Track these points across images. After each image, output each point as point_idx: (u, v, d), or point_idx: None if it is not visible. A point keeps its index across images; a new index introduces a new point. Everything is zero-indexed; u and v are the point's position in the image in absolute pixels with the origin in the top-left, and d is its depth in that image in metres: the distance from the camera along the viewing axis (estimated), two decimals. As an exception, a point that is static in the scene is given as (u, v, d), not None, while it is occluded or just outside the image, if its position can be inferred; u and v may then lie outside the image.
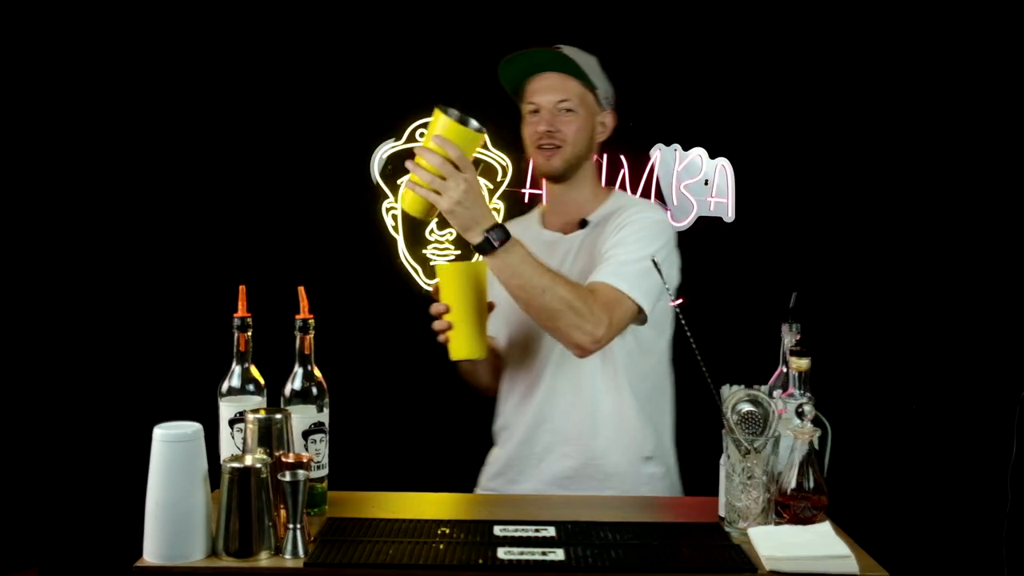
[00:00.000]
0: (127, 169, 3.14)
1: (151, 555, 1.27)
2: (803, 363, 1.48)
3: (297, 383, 1.49)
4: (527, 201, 3.14)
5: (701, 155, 3.21)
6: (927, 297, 3.18)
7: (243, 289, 1.48)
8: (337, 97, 3.17)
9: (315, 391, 1.50)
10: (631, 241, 1.76)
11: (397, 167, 3.18)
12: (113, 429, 2.95)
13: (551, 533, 1.41)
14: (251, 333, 1.48)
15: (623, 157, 3.19)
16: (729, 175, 3.20)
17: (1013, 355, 3.07)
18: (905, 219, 3.18)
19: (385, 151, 3.18)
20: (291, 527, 1.30)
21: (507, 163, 3.15)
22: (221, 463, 1.31)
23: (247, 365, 1.49)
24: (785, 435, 1.41)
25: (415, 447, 3.04)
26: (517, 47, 1.88)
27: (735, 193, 3.20)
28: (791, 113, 3.17)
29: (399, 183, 3.19)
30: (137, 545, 1.29)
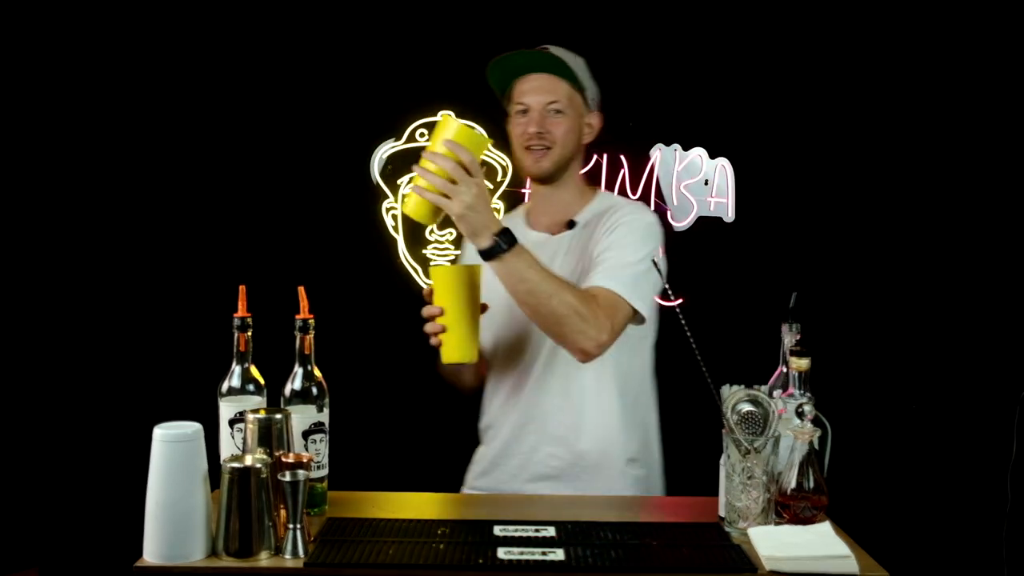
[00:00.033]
0: (127, 169, 3.14)
1: (151, 555, 1.27)
2: (803, 363, 1.48)
3: (297, 383, 1.49)
4: (527, 201, 3.14)
5: (701, 155, 3.21)
6: (927, 297, 3.18)
7: (243, 289, 1.48)
8: (337, 97, 3.17)
9: (315, 391, 1.50)
10: (625, 244, 1.76)
11: (397, 167, 3.18)
12: (113, 429, 2.95)
13: (551, 533, 1.41)
14: (251, 333, 1.48)
15: (623, 157, 3.19)
16: (729, 175, 3.20)
17: (1013, 355, 3.07)
18: (905, 219, 3.18)
19: (385, 151, 3.18)
20: (291, 527, 1.30)
21: (507, 163, 3.15)
22: (221, 463, 1.31)
23: (247, 365, 1.49)
24: (785, 435, 1.41)
25: (415, 447, 3.04)
26: (517, 47, 1.88)
27: (735, 193, 3.20)
28: (791, 113, 3.17)
29: (399, 183, 3.19)
30: (137, 545, 1.29)
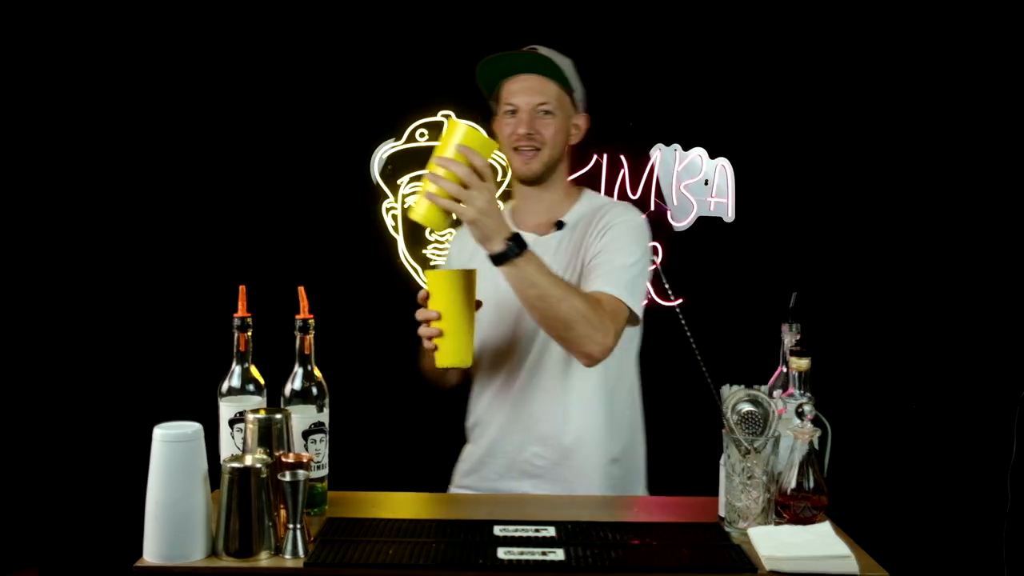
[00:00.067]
0: (127, 170, 3.14)
1: (151, 555, 1.27)
2: (803, 363, 1.48)
3: (297, 383, 1.49)
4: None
5: (701, 155, 3.21)
6: (927, 297, 3.18)
7: (243, 289, 1.48)
8: (337, 97, 3.17)
9: (315, 391, 1.50)
10: (619, 247, 1.77)
11: (397, 167, 3.18)
12: (113, 429, 2.95)
13: (551, 533, 1.41)
14: (251, 333, 1.48)
15: (623, 157, 3.19)
16: (729, 175, 3.20)
17: (1013, 355, 3.07)
18: (905, 219, 3.18)
19: (385, 151, 3.18)
20: (291, 527, 1.30)
21: (507, 163, 3.14)
22: (221, 463, 1.31)
23: (247, 365, 1.49)
24: (785, 435, 1.41)
25: (415, 447, 3.03)
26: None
27: (735, 193, 3.20)
28: (791, 113, 3.17)
29: (399, 183, 3.19)
30: (137, 545, 1.29)
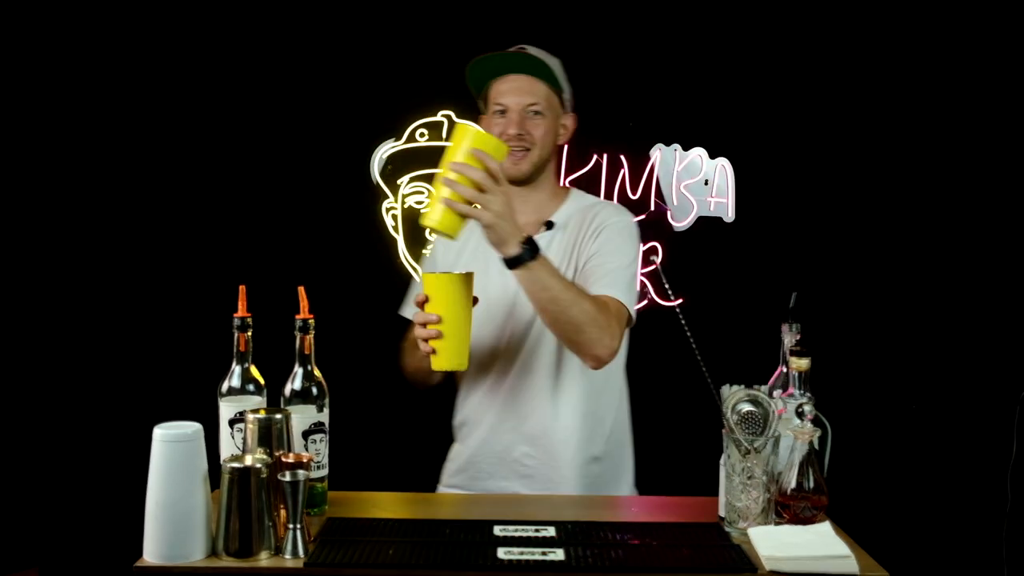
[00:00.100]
0: (127, 170, 3.14)
1: (151, 555, 1.27)
2: (803, 363, 1.48)
3: (297, 383, 1.49)
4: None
5: (701, 155, 3.21)
6: (927, 297, 3.18)
7: (243, 289, 1.48)
8: (337, 97, 3.17)
9: (315, 391, 1.50)
10: (614, 249, 1.79)
11: (397, 167, 3.18)
12: (113, 429, 2.95)
13: (551, 533, 1.41)
14: (251, 333, 1.48)
15: (623, 157, 3.19)
16: (729, 175, 3.20)
17: (1013, 355, 3.07)
18: (905, 219, 3.18)
19: (385, 151, 3.18)
20: (291, 527, 1.30)
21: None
22: (221, 463, 1.31)
23: (247, 365, 1.49)
24: (785, 435, 1.41)
25: (415, 447, 3.03)
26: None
27: (735, 193, 3.20)
28: (791, 113, 3.17)
29: (399, 183, 3.19)
30: (137, 545, 1.29)
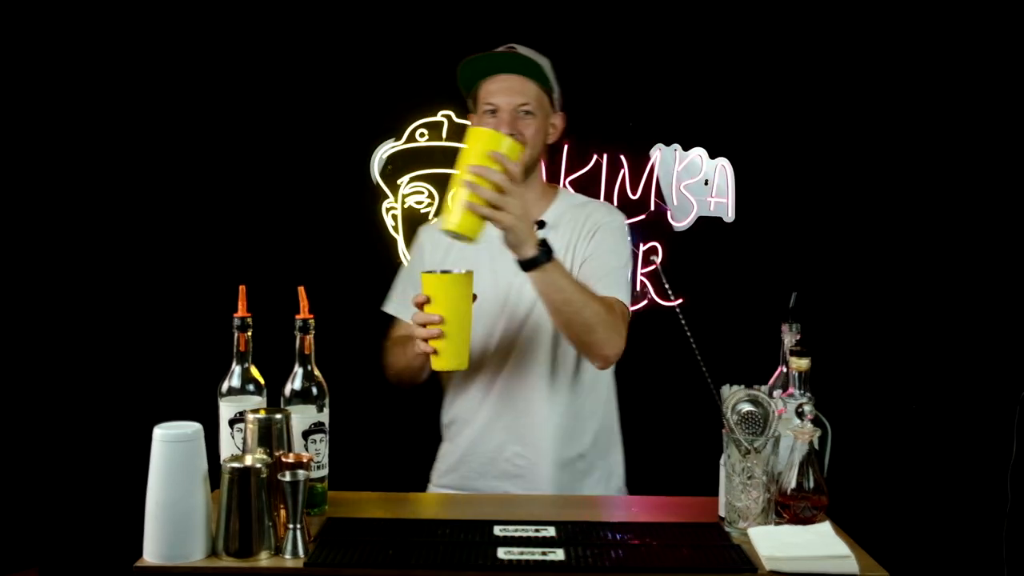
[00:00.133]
0: (127, 169, 3.14)
1: (151, 555, 1.27)
2: (803, 363, 1.48)
3: (297, 383, 1.49)
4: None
5: (701, 155, 3.21)
6: (927, 297, 3.18)
7: (243, 289, 1.48)
8: (337, 97, 3.17)
9: (315, 391, 1.49)
10: (609, 249, 1.81)
11: (397, 167, 3.18)
12: (113, 429, 2.95)
13: (551, 533, 1.41)
14: (251, 333, 1.48)
15: (623, 157, 3.19)
16: (729, 175, 3.20)
17: (1013, 355, 3.07)
18: (905, 219, 3.18)
19: (385, 151, 3.18)
20: (291, 527, 1.30)
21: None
22: (221, 463, 1.31)
23: (247, 365, 1.49)
24: (785, 435, 1.41)
25: (415, 447, 3.03)
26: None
27: (735, 193, 3.20)
28: (791, 113, 3.17)
29: (398, 183, 3.19)
30: (137, 545, 1.29)
